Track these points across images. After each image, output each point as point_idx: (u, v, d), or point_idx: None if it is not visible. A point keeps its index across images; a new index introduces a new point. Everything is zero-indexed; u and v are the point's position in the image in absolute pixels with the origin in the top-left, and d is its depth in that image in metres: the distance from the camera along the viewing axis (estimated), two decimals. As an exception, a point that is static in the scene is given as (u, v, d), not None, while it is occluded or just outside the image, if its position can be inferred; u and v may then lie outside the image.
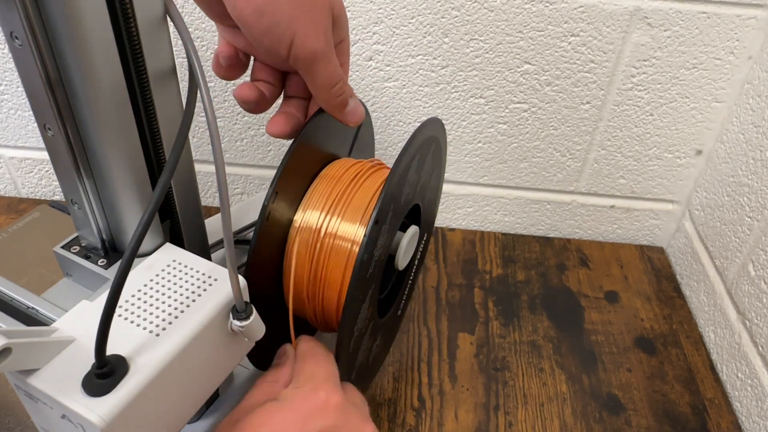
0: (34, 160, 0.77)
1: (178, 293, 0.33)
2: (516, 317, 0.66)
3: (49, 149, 0.33)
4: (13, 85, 0.70)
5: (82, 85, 0.29)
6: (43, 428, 0.31)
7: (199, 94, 0.31)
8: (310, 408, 0.32)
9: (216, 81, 0.68)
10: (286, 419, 0.32)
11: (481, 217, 0.78)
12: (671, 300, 0.70)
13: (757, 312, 0.58)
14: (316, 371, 0.36)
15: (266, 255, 0.40)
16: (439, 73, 0.66)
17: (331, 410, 0.33)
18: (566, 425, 0.56)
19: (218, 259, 0.44)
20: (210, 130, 0.30)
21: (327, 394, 0.33)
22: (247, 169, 0.76)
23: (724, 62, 0.63)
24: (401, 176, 0.40)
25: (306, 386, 0.34)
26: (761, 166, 0.59)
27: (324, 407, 0.33)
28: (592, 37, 0.62)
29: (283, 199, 0.39)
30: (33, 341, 0.28)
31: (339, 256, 0.40)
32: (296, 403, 0.33)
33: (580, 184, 0.74)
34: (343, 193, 0.41)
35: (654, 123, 0.68)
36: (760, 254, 0.58)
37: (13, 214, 0.76)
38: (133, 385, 0.28)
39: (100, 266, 0.37)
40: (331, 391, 0.34)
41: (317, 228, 0.40)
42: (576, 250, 0.76)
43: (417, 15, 0.62)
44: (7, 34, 0.29)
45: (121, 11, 0.29)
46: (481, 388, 0.59)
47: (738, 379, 0.60)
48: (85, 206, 0.35)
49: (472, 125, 0.70)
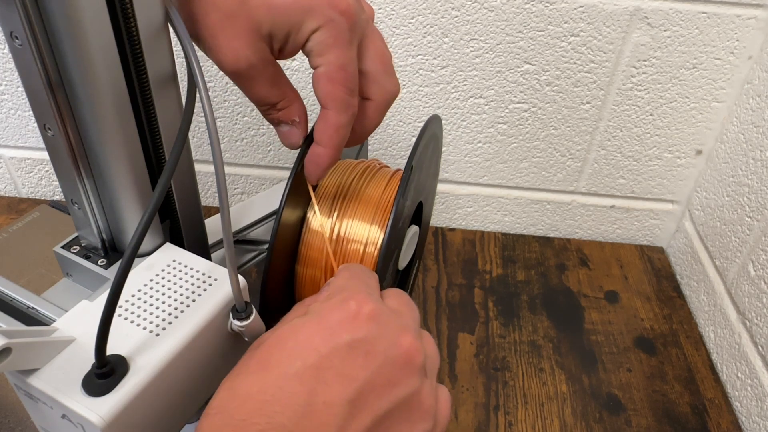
0: (34, 160, 0.77)
1: (178, 293, 0.33)
2: (516, 317, 0.66)
3: (49, 149, 0.33)
4: (13, 85, 0.70)
5: (83, 85, 0.29)
6: (43, 428, 0.31)
7: (198, 95, 0.31)
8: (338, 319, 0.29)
9: (216, 81, 0.68)
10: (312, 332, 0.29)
11: (481, 217, 0.78)
12: (671, 300, 0.70)
13: (757, 312, 0.58)
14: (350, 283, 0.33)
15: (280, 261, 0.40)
16: (439, 73, 0.66)
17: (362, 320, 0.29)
18: (566, 425, 0.56)
19: (218, 259, 0.44)
20: (209, 130, 0.30)
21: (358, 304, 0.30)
22: (247, 169, 0.76)
23: (724, 62, 0.63)
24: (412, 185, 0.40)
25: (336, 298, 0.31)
26: (761, 166, 0.59)
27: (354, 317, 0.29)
28: (592, 37, 0.62)
29: (293, 206, 0.39)
30: (33, 341, 0.28)
31: (352, 259, 0.40)
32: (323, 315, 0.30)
33: (580, 184, 0.74)
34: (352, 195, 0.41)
35: (654, 123, 0.68)
36: (760, 254, 0.58)
37: (13, 214, 0.76)
38: (133, 385, 0.28)
39: (100, 266, 0.37)
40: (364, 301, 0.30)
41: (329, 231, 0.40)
42: (576, 250, 0.76)
43: (417, 15, 0.62)
44: (7, 34, 0.29)
45: (121, 11, 0.29)
46: (481, 388, 0.59)
47: (738, 379, 0.60)
48: (85, 206, 0.35)
49: (472, 125, 0.70)
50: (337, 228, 0.40)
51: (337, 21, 0.34)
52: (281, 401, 0.26)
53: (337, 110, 0.35)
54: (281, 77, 0.36)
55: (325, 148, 0.36)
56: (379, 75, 0.37)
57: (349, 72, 0.35)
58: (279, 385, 0.27)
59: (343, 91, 0.35)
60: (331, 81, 0.34)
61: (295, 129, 0.38)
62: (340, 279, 0.34)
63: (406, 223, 0.42)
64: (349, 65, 0.35)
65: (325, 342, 0.28)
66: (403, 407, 0.29)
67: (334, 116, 0.35)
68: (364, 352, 0.28)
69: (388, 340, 0.29)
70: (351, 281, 0.33)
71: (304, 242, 0.40)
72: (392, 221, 0.37)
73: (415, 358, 0.30)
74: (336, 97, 0.35)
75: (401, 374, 0.29)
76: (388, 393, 0.28)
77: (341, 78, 0.34)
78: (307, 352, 0.28)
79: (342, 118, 0.35)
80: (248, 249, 0.48)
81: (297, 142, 0.38)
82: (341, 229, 0.40)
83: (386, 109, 0.39)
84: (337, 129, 0.36)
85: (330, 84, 0.34)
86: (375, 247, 0.39)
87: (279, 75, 0.36)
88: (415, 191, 0.43)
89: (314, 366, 0.27)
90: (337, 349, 0.28)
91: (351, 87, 0.35)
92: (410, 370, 0.30)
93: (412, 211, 0.43)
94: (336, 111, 0.35)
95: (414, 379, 0.30)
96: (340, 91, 0.35)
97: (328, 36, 0.34)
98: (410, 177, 0.38)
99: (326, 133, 0.36)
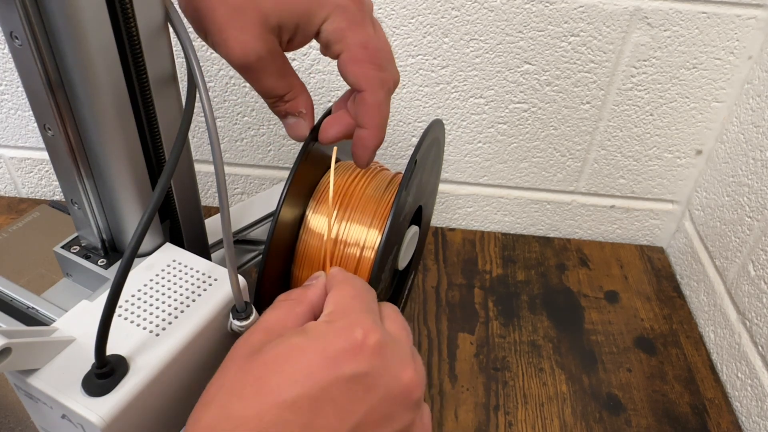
0: (34, 160, 0.77)
1: (178, 293, 0.33)
2: (516, 317, 0.66)
3: (49, 149, 0.33)
4: (13, 85, 0.70)
5: (83, 85, 0.29)
6: (43, 428, 0.31)
7: (198, 95, 0.31)
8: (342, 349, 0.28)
9: (216, 81, 0.68)
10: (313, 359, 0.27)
11: (481, 217, 0.78)
12: (671, 300, 0.70)
13: (757, 312, 0.58)
14: (354, 304, 0.31)
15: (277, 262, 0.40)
16: (439, 73, 0.66)
17: (367, 353, 0.28)
18: (566, 425, 0.56)
19: (218, 259, 0.44)
20: (209, 130, 0.30)
21: (364, 333, 0.28)
22: (247, 169, 0.76)
23: (724, 62, 0.63)
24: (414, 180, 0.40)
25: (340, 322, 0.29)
26: (761, 166, 0.59)
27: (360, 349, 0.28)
28: (592, 37, 0.62)
29: (292, 205, 0.39)
30: (33, 341, 0.28)
31: (349, 262, 0.40)
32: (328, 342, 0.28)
33: (580, 184, 0.74)
34: (352, 197, 0.41)
35: (654, 123, 0.68)
36: (760, 254, 0.58)
37: (13, 214, 0.76)
38: (133, 385, 0.28)
39: (100, 266, 0.37)
40: (370, 329, 0.29)
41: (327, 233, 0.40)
42: (576, 250, 0.76)
43: (417, 15, 0.62)
44: (7, 34, 0.29)
45: (121, 11, 0.29)
46: (481, 388, 0.59)
47: (738, 379, 0.60)
48: (85, 206, 0.35)
49: (472, 125, 0.70)
50: (336, 228, 0.40)
51: (346, 6, 0.34)
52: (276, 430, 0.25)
53: (371, 89, 0.35)
54: (288, 69, 0.36)
55: (370, 129, 0.36)
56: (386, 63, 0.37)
57: (372, 48, 0.34)
58: (275, 414, 0.26)
59: (371, 69, 0.34)
60: (358, 62, 0.34)
61: (302, 121, 0.37)
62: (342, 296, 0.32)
63: (407, 220, 0.42)
64: (370, 42, 0.34)
65: (326, 372, 0.27)
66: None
67: (371, 96, 0.35)
68: (366, 386, 0.27)
69: (390, 375, 0.29)
70: (354, 302, 0.31)
71: (302, 242, 0.40)
72: (394, 214, 0.37)
73: (414, 393, 0.29)
74: (366, 76, 0.34)
75: (399, 409, 0.29)
76: (383, 427, 0.28)
77: (366, 56, 0.34)
78: (307, 381, 0.27)
79: (379, 95, 0.35)
80: (248, 249, 0.48)
81: (303, 133, 0.38)
82: (340, 229, 0.40)
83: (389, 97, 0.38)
84: (377, 107, 0.35)
85: (357, 66, 0.34)
86: (372, 251, 0.39)
87: (286, 67, 0.36)
88: (416, 191, 0.43)
89: (313, 397, 0.26)
90: (338, 381, 0.27)
91: (378, 63, 0.35)
92: (408, 405, 0.29)
93: (413, 209, 0.43)
94: (371, 90, 0.35)
95: (410, 414, 0.29)
96: (369, 70, 0.34)
97: (341, 21, 0.34)
98: (414, 171, 0.38)
99: (367, 115, 0.35)
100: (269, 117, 0.71)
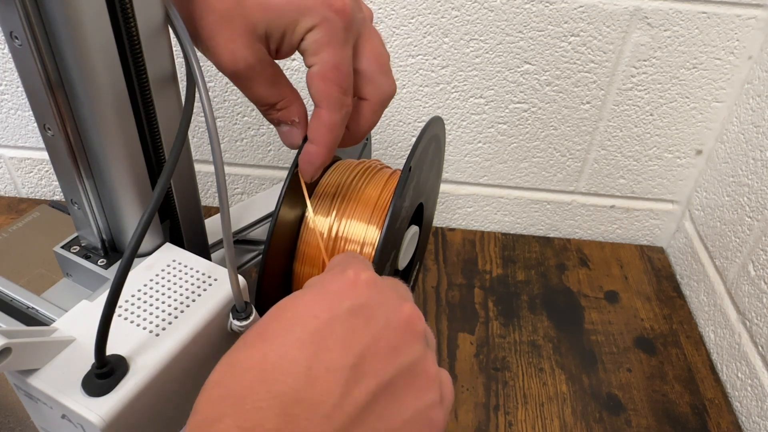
0: (34, 160, 0.77)
1: (178, 293, 0.33)
2: (516, 317, 0.66)
3: (49, 149, 0.33)
4: (13, 85, 0.70)
5: (82, 85, 0.29)
6: (43, 428, 0.31)
7: (198, 94, 0.31)
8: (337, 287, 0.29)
9: (216, 81, 0.68)
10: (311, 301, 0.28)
11: (481, 217, 0.78)
12: (671, 300, 0.70)
13: (757, 312, 0.58)
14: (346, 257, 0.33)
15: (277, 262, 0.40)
16: (439, 73, 0.66)
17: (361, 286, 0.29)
18: (566, 425, 0.56)
19: (218, 259, 0.44)
20: (209, 130, 0.30)
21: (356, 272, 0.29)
22: (247, 169, 0.76)
23: (724, 62, 0.63)
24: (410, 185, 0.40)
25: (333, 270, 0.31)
26: (761, 166, 0.59)
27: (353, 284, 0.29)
28: (592, 37, 0.62)
29: (291, 205, 0.39)
30: (33, 341, 0.28)
31: None
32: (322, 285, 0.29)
33: (580, 184, 0.74)
34: (351, 195, 0.41)
35: (654, 123, 0.68)
36: (760, 254, 0.58)
37: (13, 214, 0.76)
38: (133, 385, 0.28)
39: (100, 266, 0.37)
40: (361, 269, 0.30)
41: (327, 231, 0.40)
42: (576, 250, 0.76)
43: (417, 15, 0.62)
44: (7, 34, 0.29)
45: (121, 12, 0.29)
46: (481, 388, 0.59)
47: (738, 379, 0.60)
48: (85, 206, 0.35)
49: (472, 125, 0.70)
50: (335, 227, 0.40)
51: (332, 20, 0.34)
52: (281, 369, 0.25)
53: (329, 109, 0.35)
54: (280, 78, 0.36)
55: (318, 146, 0.36)
56: (375, 75, 0.37)
57: (343, 71, 0.35)
58: (279, 354, 0.26)
59: (336, 90, 0.35)
60: (325, 80, 0.35)
61: (295, 129, 0.38)
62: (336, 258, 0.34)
63: (405, 223, 0.42)
64: (343, 64, 0.35)
65: (324, 310, 0.27)
66: (407, 375, 0.28)
67: (327, 115, 0.35)
68: (365, 317, 0.28)
69: (388, 306, 0.29)
70: (346, 257, 0.33)
71: (302, 240, 0.40)
72: (388, 222, 0.37)
73: (417, 324, 0.29)
74: (329, 95, 0.35)
75: (404, 339, 0.28)
76: (391, 359, 0.27)
77: (335, 77, 0.35)
78: (307, 320, 0.27)
79: (335, 116, 0.35)
80: (248, 249, 0.48)
81: (296, 141, 0.38)
82: (339, 229, 0.40)
83: (382, 109, 0.39)
84: (330, 128, 0.36)
85: (323, 83, 0.35)
86: (372, 248, 0.39)
87: (278, 76, 0.36)
88: (414, 192, 0.43)
89: (314, 332, 0.27)
90: (338, 316, 0.27)
91: (344, 86, 0.35)
92: (413, 336, 0.29)
93: (411, 212, 0.43)
94: (329, 110, 0.35)
95: (418, 346, 0.29)
96: (333, 90, 0.35)
97: (323, 35, 0.34)
98: (408, 178, 0.38)
99: (319, 132, 0.36)
100: (269, 117, 0.71)
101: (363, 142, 0.55)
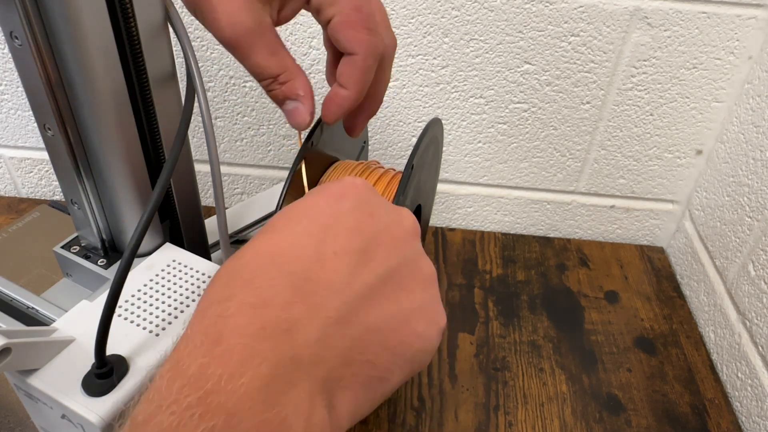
0: (34, 160, 0.77)
1: (178, 293, 0.33)
2: (516, 317, 0.66)
3: (49, 149, 0.33)
4: (13, 85, 0.70)
5: (83, 85, 0.30)
6: (43, 428, 0.31)
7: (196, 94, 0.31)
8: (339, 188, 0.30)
9: (216, 81, 0.68)
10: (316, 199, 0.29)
11: (481, 217, 0.78)
12: (671, 300, 0.70)
13: (757, 312, 0.58)
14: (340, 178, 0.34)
15: None
16: (439, 73, 0.66)
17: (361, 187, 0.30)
18: (566, 425, 0.56)
19: (218, 259, 0.44)
20: (206, 131, 0.30)
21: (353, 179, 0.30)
22: (247, 169, 0.76)
23: (724, 62, 0.63)
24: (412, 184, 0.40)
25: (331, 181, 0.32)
26: (761, 166, 0.59)
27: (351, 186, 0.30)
28: (592, 37, 0.62)
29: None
30: (33, 341, 0.28)
31: None
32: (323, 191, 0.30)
33: (580, 184, 0.74)
34: None
35: (654, 123, 0.68)
36: (760, 254, 0.58)
37: (13, 214, 0.76)
38: (133, 385, 0.28)
39: (100, 266, 0.37)
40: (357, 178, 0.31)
41: None
42: (576, 250, 0.76)
43: (417, 15, 0.62)
44: (7, 34, 0.29)
45: (121, 11, 0.29)
46: (481, 388, 0.59)
47: (738, 379, 0.60)
48: (85, 206, 0.35)
49: (472, 125, 0.70)
50: None
51: None
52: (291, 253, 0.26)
53: (364, 54, 0.35)
54: (280, 47, 0.35)
55: (350, 90, 0.36)
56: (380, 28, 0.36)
57: (365, 12, 0.35)
58: (288, 241, 0.27)
59: (364, 32, 0.34)
60: (351, 25, 0.34)
61: (301, 106, 0.37)
62: None
63: None
64: (364, 5, 0.35)
65: (330, 206, 0.28)
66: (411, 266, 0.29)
67: (362, 60, 0.35)
68: (368, 212, 0.29)
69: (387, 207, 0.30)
70: None
71: None
72: None
73: (414, 225, 0.30)
74: (360, 40, 0.34)
75: (405, 235, 0.29)
76: (395, 249, 0.28)
77: (359, 19, 0.34)
78: (314, 214, 0.28)
79: (369, 60, 0.35)
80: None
81: (304, 119, 0.37)
82: None
83: (390, 65, 0.38)
84: (363, 70, 0.35)
85: (350, 29, 0.34)
86: None
87: (278, 44, 0.35)
88: (414, 192, 0.43)
89: (322, 223, 0.27)
90: (342, 212, 0.28)
91: (370, 26, 0.35)
92: (412, 234, 0.30)
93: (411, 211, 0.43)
94: (364, 55, 0.35)
95: (417, 243, 0.30)
96: (361, 33, 0.34)
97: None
98: (411, 176, 0.38)
99: (352, 77, 0.35)
100: (269, 117, 0.71)
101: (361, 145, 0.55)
